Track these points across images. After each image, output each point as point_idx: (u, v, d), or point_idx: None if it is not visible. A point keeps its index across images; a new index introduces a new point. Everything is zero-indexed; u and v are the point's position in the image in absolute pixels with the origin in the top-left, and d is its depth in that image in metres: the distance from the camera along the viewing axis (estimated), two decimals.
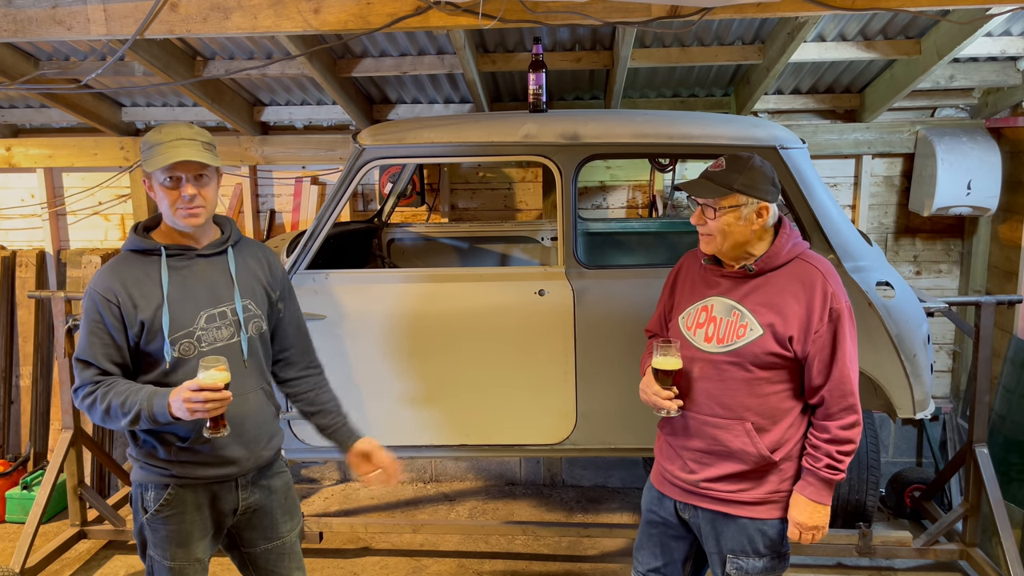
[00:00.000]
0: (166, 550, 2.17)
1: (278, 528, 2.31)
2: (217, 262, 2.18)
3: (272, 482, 2.29)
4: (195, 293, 2.12)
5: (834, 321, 2.03)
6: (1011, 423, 3.66)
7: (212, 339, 2.12)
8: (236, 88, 4.26)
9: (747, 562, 2.13)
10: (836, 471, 2.04)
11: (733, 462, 2.11)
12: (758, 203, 2.05)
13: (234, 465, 2.17)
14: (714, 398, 2.12)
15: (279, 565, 2.33)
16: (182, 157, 2.00)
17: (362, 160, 3.05)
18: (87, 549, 3.84)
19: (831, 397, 2.04)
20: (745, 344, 2.06)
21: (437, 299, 3.08)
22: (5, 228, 4.84)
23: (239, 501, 2.23)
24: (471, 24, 2.70)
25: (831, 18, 3.47)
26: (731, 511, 2.13)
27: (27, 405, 4.69)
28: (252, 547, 2.30)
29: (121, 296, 2.04)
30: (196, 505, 2.17)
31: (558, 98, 4.43)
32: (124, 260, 2.11)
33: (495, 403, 3.12)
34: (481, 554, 3.81)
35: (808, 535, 2.09)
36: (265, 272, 2.27)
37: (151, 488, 2.15)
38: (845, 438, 2.03)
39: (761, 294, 2.09)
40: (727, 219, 2.05)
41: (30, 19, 2.88)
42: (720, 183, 2.05)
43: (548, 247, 4.11)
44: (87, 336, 2.05)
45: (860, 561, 3.62)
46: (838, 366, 2.02)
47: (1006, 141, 4.09)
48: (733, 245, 2.09)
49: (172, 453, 2.12)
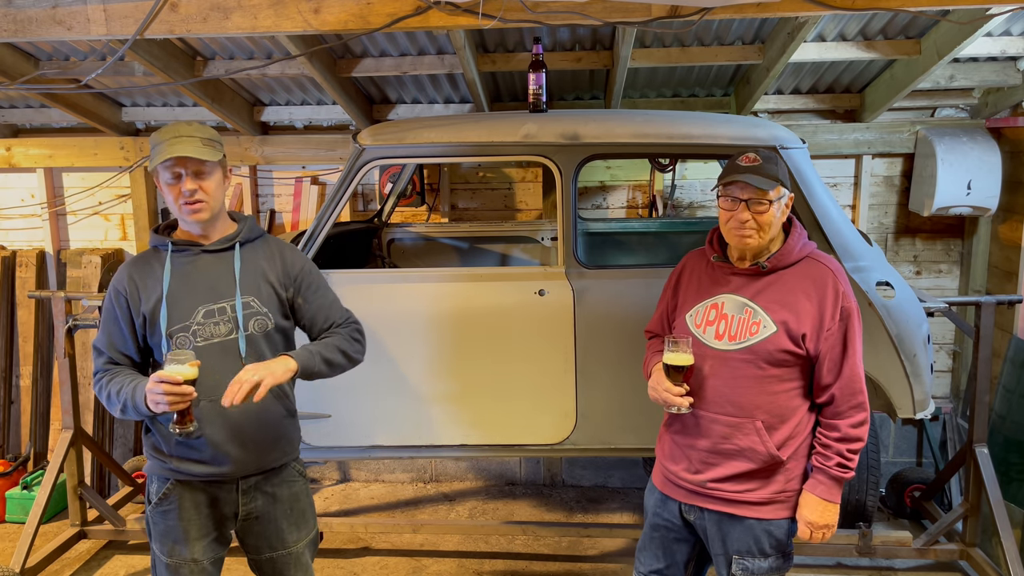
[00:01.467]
0: (164, 545, 2.18)
1: (284, 538, 2.27)
2: (224, 258, 2.17)
3: (278, 491, 2.24)
4: (195, 288, 2.12)
5: (845, 320, 2.05)
6: (1011, 423, 3.66)
7: (209, 334, 2.11)
8: (236, 88, 4.26)
9: (753, 563, 2.13)
10: (847, 469, 2.05)
11: (741, 461, 2.11)
12: (789, 195, 2.12)
13: (229, 465, 2.14)
14: (724, 396, 2.12)
15: (284, 575, 2.30)
16: (177, 153, 2.02)
17: (362, 160, 3.05)
18: (87, 549, 3.84)
19: (841, 395, 2.05)
20: (759, 341, 2.07)
21: (437, 299, 3.08)
22: (5, 228, 4.84)
23: (239, 505, 2.20)
24: (471, 24, 2.70)
25: (831, 18, 3.47)
26: (738, 511, 2.13)
27: (27, 405, 4.69)
28: (257, 554, 2.29)
29: (129, 289, 2.13)
30: (194, 504, 2.17)
31: (558, 98, 4.43)
32: (141, 256, 2.20)
33: (495, 403, 3.12)
34: (481, 554, 3.81)
35: (819, 534, 2.10)
36: (277, 270, 2.22)
37: (155, 480, 2.19)
38: (855, 436, 2.05)
39: (773, 291, 2.10)
40: (774, 210, 2.07)
41: (30, 19, 2.88)
42: (768, 175, 2.06)
43: (548, 247, 4.11)
44: (102, 325, 2.17)
45: (860, 561, 3.62)
46: (848, 364, 2.04)
47: (1006, 141, 4.09)
48: (771, 239, 2.12)
49: (171, 447, 2.13)
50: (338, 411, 3.16)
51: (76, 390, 3.64)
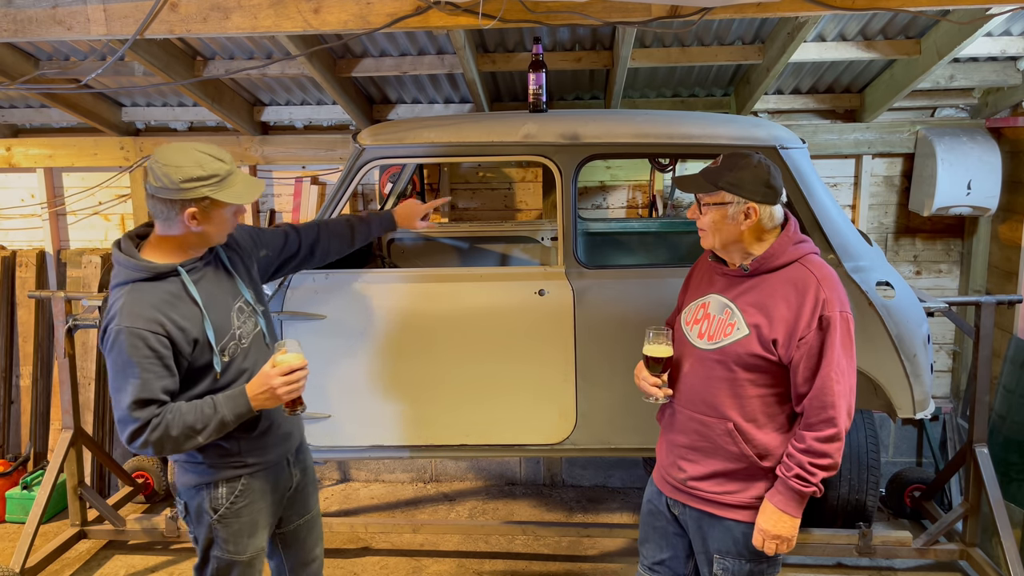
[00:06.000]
0: (238, 544, 2.21)
1: (308, 502, 2.42)
2: (216, 262, 2.20)
3: (306, 459, 2.43)
4: (220, 297, 2.15)
5: (824, 329, 1.96)
6: (1011, 423, 3.66)
7: (247, 332, 2.19)
8: (236, 88, 4.26)
9: (733, 563, 2.12)
10: (806, 483, 1.97)
11: (718, 459, 2.10)
12: (745, 203, 2.03)
13: (291, 440, 2.31)
14: (699, 394, 2.13)
15: (307, 540, 2.43)
16: (258, 195, 2.10)
17: (362, 160, 3.05)
18: (87, 549, 3.84)
19: (811, 407, 1.98)
20: (730, 343, 2.06)
21: (437, 299, 3.08)
22: (5, 228, 4.84)
23: (292, 479, 2.33)
24: (471, 24, 2.70)
25: (831, 18, 3.47)
26: (717, 512, 2.12)
27: (27, 405, 4.69)
28: (287, 525, 2.39)
29: (167, 325, 1.98)
30: (262, 492, 2.24)
31: (558, 98, 4.43)
32: (142, 290, 2.00)
33: (495, 403, 3.12)
34: (481, 554, 3.81)
35: (772, 544, 2.03)
36: (242, 252, 2.31)
37: (222, 484, 2.17)
38: (820, 451, 1.96)
39: (753, 295, 2.08)
40: (713, 215, 2.07)
41: (30, 19, 2.88)
42: (708, 179, 2.07)
43: (548, 247, 4.11)
44: (140, 374, 1.94)
45: (860, 561, 3.62)
46: (822, 375, 1.96)
47: (1006, 141, 4.09)
48: (724, 243, 2.10)
49: (242, 445, 2.17)
50: (338, 411, 3.16)
51: (76, 390, 3.64)
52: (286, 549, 2.41)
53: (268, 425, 2.21)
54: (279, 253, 2.50)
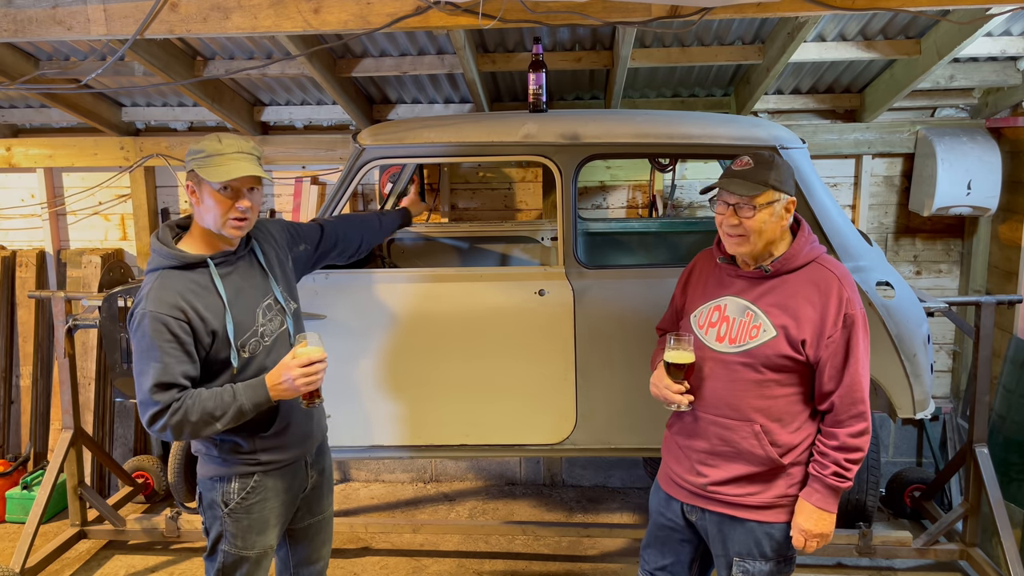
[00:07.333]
0: (247, 540, 2.22)
1: (321, 503, 2.44)
2: (250, 258, 2.23)
3: (325, 461, 2.45)
4: (247, 293, 2.17)
5: (848, 327, 2.01)
6: (1011, 423, 3.66)
7: (272, 331, 2.21)
8: (236, 88, 4.26)
9: (753, 565, 2.13)
10: (843, 479, 2.02)
11: (741, 463, 2.10)
12: (787, 198, 2.06)
13: (308, 441, 2.31)
14: (722, 398, 2.11)
15: (315, 540, 2.44)
16: (246, 172, 2.05)
17: (362, 160, 3.05)
18: (87, 549, 3.84)
19: (841, 404, 2.02)
20: (758, 345, 2.06)
21: (437, 299, 3.08)
22: (5, 228, 4.84)
23: (308, 479, 2.34)
24: (471, 24, 2.70)
25: (831, 18, 3.47)
26: (739, 514, 2.13)
27: (27, 405, 4.69)
28: (297, 523, 2.39)
29: (189, 312, 2.03)
30: (276, 491, 2.24)
31: (558, 98, 4.43)
32: (171, 277, 2.06)
33: (495, 403, 3.12)
34: (481, 554, 3.81)
35: (813, 542, 2.08)
36: (279, 248, 2.34)
37: (235, 479, 2.19)
38: (854, 446, 2.02)
39: (776, 296, 2.08)
40: (762, 216, 2.03)
41: (30, 19, 2.88)
42: (756, 180, 2.03)
43: (548, 247, 4.11)
44: (161, 358, 1.99)
45: (860, 561, 3.62)
46: (849, 372, 2.01)
47: (1006, 141, 4.09)
48: (765, 244, 2.08)
49: (256, 443, 2.18)
50: (338, 411, 3.15)
51: (76, 390, 3.64)
52: (293, 544, 2.43)
53: (284, 425, 2.21)
54: (316, 246, 2.56)
